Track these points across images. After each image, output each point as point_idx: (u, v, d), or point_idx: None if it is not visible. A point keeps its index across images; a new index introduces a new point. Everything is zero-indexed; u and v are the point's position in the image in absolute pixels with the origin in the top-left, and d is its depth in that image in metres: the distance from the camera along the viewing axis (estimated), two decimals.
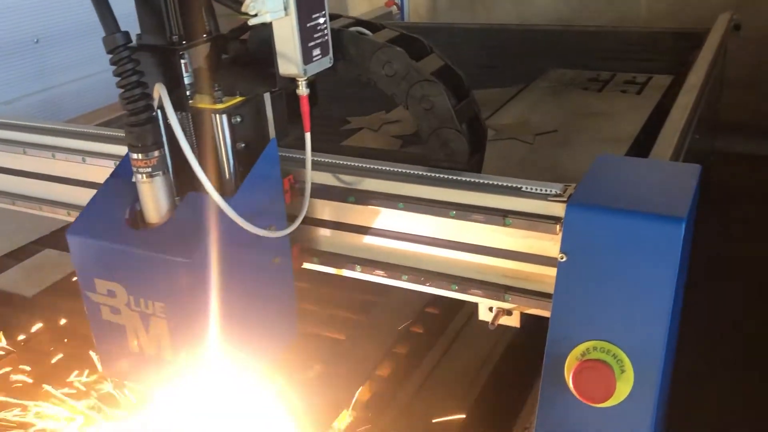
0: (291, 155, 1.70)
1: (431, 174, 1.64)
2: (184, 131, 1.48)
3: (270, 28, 1.45)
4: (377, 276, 1.73)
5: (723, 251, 3.10)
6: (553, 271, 1.44)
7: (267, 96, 1.54)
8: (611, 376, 1.37)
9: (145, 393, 1.83)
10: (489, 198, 1.55)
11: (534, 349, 1.51)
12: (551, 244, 1.50)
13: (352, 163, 1.73)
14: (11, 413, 1.90)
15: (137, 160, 1.42)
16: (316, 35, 1.49)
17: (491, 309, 1.65)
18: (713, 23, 3.19)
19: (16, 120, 2.15)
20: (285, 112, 1.58)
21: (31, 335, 2.27)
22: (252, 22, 1.38)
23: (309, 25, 1.47)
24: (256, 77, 1.52)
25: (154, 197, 1.46)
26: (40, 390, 1.97)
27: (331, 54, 1.56)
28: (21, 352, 2.19)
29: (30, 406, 1.92)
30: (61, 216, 2.10)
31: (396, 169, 1.67)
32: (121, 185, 1.53)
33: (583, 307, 1.41)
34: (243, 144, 1.52)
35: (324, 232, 1.76)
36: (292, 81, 1.50)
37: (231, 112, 1.48)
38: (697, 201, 1.47)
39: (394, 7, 3.99)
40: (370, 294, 2.32)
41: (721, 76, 3.27)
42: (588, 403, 1.40)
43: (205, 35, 1.51)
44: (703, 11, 3.63)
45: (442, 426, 1.90)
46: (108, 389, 1.93)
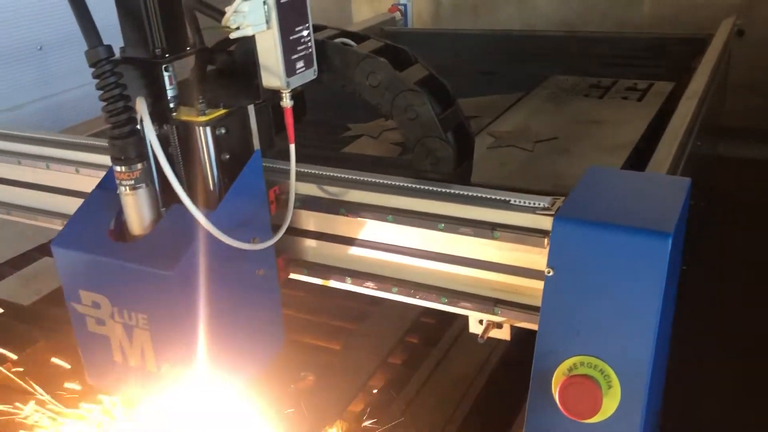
0: (277, 166, 1.70)
1: (419, 186, 1.63)
2: (168, 144, 1.49)
3: (254, 40, 1.44)
4: (367, 288, 1.72)
5: (725, 253, 3.09)
6: (543, 285, 1.42)
7: (251, 108, 1.54)
8: (598, 391, 1.36)
9: (133, 403, 1.82)
10: (477, 211, 1.54)
11: (529, 361, 1.49)
12: (540, 257, 1.48)
13: (339, 175, 1.72)
14: (4, 418, 1.91)
15: (120, 172, 1.43)
16: (299, 48, 1.49)
17: (481, 322, 1.64)
18: (716, 28, 3.16)
19: (10, 130, 2.16)
20: (270, 123, 1.58)
21: (28, 343, 2.27)
22: (234, 35, 1.38)
23: (292, 38, 1.46)
24: (240, 89, 1.52)
25: (137, 209, 1.46)
26: (35, 397, 1.97)
27: (316, 66, 1.55)
28: (18, 360, 2.19)
29: (26, 413, 1.92)
30: (56, 226, 2.10)
31: (384, 181, 1.66)
32: (107, 197, 1.53)
33: (570, 322, 1.40)
34: (227, 156, 1.52)
35: (311, 243, 1.76)
36: (276, 93, 1.50)
37: (215, 124, 1.48)
38: (687, 214, 1.45)
39: (397, 13, 3.97)
40: (365, 303, 2.31)
41: (724, 81, 3.23)
42: (574, 419, 1.38)
43: (189, 48, 1.50)
44: (707, 16, 3.59)
45: None
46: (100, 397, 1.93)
